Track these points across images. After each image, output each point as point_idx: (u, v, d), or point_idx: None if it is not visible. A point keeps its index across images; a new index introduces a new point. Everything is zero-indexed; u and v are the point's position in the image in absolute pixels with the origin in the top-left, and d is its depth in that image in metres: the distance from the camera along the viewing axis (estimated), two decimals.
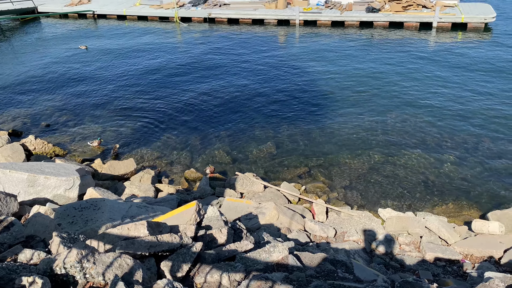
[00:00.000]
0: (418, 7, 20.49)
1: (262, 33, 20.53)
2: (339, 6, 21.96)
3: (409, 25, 19.88)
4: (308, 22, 21.36)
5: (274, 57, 16.99)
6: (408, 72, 14.82)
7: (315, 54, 17.04)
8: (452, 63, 15.40)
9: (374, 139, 10.71)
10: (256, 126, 11.62)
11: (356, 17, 20.54)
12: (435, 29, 19.36)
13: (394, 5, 20.46)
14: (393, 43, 18.00)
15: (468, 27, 19.18)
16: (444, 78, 14.14)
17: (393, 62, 15.80)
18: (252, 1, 24.35)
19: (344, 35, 19.48)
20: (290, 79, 14.76)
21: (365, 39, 18.78)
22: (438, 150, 10.07)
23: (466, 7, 20.59)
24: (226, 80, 14.91)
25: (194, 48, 18.57)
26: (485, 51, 16.41)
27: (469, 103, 12.33)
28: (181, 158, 10.36)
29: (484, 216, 7.61)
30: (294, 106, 12.69)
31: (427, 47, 17.32)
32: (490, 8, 19.97)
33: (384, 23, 20.18)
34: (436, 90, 13.26)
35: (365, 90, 13.56)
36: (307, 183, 9.12)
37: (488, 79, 13.87)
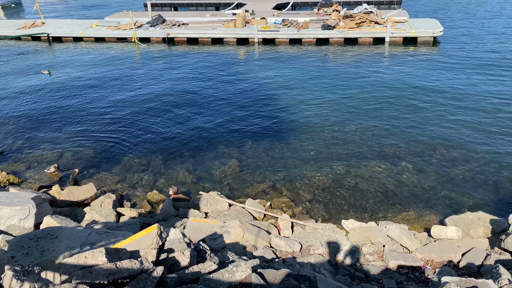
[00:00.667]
0: (370, 23, 21.33)
1: (222, 52, 20.70)
2: (296, 24, 22.52)
3: (363, 41, 20.64)
4: (267, 40, 21.75)
5: (235, 75, 17.14)
6: (364, 85, 15.31)
7: (275, 71, 17.33)
8: (405, 75, 16.05)
9: (336, 152, 10.93)
10: (219, 144, 11.61)
11: (313, 34, 21.11)
12: (387, 43, 20.20)
13: (348, 22, 21.21)
14: (349, 58, 18.60)
15: (418, 41, 20.13)
16: (398, 90, 14.70)
17: (349, 76, 16.30)
18: (211, 21, 24.57)
19: (302, 52, 19.95)
20: (252, 96, 14.90)
21: (322, 55, 19.31)
22: (396, 160, 10.40)
23: (415, 22, 21.63)
24: (187, 99, 14.86)
25: (153, 69, 18.45)
26: (435, 63, 17.24)
27: (422, 113, 12.86)
28: (143, 180, 10.16)
29: (442, 221, 7.89)
30: (257, 122, 12.79)
31: (381, 61, 18.01)
32: (437, 23, 21.09)
33: (340, 40, 20.84)
34: (391, 102, 13.75)
35: (325, 104, 13.87)
36: (272, 199, 9.16)
37: (439, 90, 14.54)
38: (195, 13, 27.48)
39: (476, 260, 6.12)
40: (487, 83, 14.96)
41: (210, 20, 24.83)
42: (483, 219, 7.44)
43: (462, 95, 14.01)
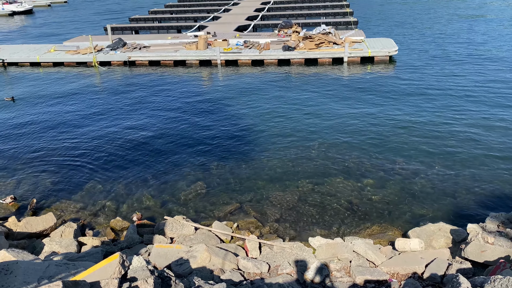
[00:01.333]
0: (329, 44, 22.00)
1: (185, 74, 20.70)
2: (258, 45, 22.90)
3: (323, 61, 21.21)
4: (230, 62, 21.95)
5: (198, 96, 17.13)
6: (325, 103, 15.67)
7: (238, 92, 17.47)
8: (363, 93, 16.57)
9: (301, 169, 11.05)
10: (183, 166, 11.48)
11: (274, 56, 21.51)
12: (346, 63, 20.84)
13: (308, 43, 21.79)
14: (310, 78, 19.03)
15: (375, 60, 20.91)
16: (358, 107, 15.13)
17: (311, 95, 16.65)
18: (173, 43, 24.59)
19: (264, 72, 20.25)
20: (216, 117, 14.91)
21: (284, 75, 19.67)
22: (359, 175, 10.63)
23: (372, 42, 22.48)
24: (150, 122, 14.69)
25: (114, 92, 18.18)
26: (392, 80, 17.92)
27: (382, 128, 13.27)
28: (106, 207, 9.88)
29: (406, 234, 8.07)
30: (222, 143, 12.78)
31: (341, 80, 18.54)
32: (392, 42, 22.02)
33: (300, 60, 21.34)
34: (352, 119, 14.12)
35: (289, 122, 14.06)
36: (239, 220, 9.10)
37: (396, 105, 15.08)
38: (157, 36, 27.42)
39: (439, 271, 6.29)
40: (440, 98, 15.66)
41: (172, 42, 24.85)
42: (444, 229, 7.68)
43: (418, 111, 14.58)
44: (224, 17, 33.40)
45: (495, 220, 7.59)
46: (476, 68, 19.08)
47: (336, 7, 35.23)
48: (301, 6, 36.63)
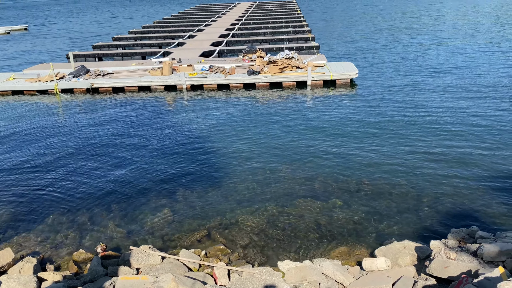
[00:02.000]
0: (293, 68, 22.51)
1: (150, 99, 20.55)
2: (223, 70, 23.12)
3: (287, 85, 21.64)
4: (195, 87, 22.00)
5: (164, 122, 17.01)
6: (290, 126, 15.90)
7: (204, 116, 17.48)
8: (327, 115, 16.95)
9: (268, 192, 11.08)
10: (149, 194, 11.27)
11: (240, 80, 21.77)
12: (309, 86, 21.35)
13: (272, 67, 22.21)
14: (275, 101, 19.33)
15: (337, 83, 21.53)
16: (322, 130, 15.44)
17: (276, 118, 16.87)
18: (137, 69, 24.46)
19: (230, 97, 20.41)
20: (182, 142, 14.81)
21: (249, 99, 19.88)
22: (326, 196, 10.76)
23: (333, 66, 23.18)
24: (114, 149, 14.41)
25: (77, 119, 17.78)
26: (353, 103, 18.46)
27: (346, 149, 13.56)
28: (68, 239, 9.51)
29: (372, 253, 8.18)
30: (188, 169, 12.66)
31: (305, 103, 18.93)
32: (353, 66, 22.79)
33: (265, 84, 21.67)
34: (317, 140, 14.36)
35: (255, 146, 14.15)
36: (207, 247, 8.97)
37: (358, 126, 15.49)
38: (121, 63, 27.20)
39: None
40: (400, 119, 16.23)
41: (136, 68, 24.71)
42: (409, 247, 7.84)
43: (379, 131, 15.03)
44: (189, 43, 33.64)
45: (457, 236, 7.83)
46: (434, 91, 19.97)
47: (299, 33, 36.23)
48: (264, 32, 37.45)
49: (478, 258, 6.70)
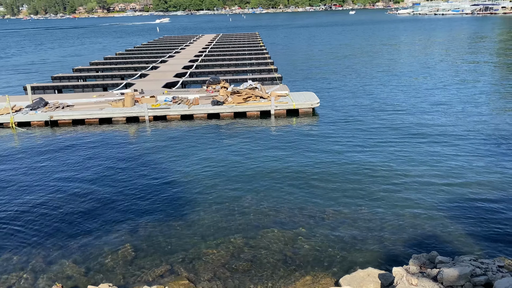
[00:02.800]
0: (256, 98, 22.82)
1: (111, 132, 20.16)
2: (186, 101, 23.11)
3: (251, 114, 21.86)
4: (158, 118, 21.82)
5: (125, 154, 16.66)
6: (254, 155, 15.95)
7: (167, 147, 17.28)
8: (290, 144, 17.16)
9: (233, 223, 10.95)
10: (109, 229, 10.88)
11: (203, 110, 21.80)
12: (273, 116, 21.66)
13: (236, 97, 22.43)
14: (239, 130, 19.42)
15: (300, 112, 21.96)
16: (286, 159, 15.58)
17: (240, 148, 16.91)
18: (98, 101, 24.04)
19: (194, 127, 20.35)
20: (144, 174, 14.52)
21: (213, 129, 19.89)
22: (290, 226, 10.75)
23: (296, 95, 23.68)
24: (73, 184, 13.91)
25: (34, 153, 17.13)
26: (315, 132, 18.83)
27: (309, 177, 13.71)
28: (22, 281, 8.96)
29: (337, 282, 8.18)
30: (150, 201, 12.37)
31: (269, 132, 19.13)
32: (314, 95, 23.37)
33: (229, 114, 21.80)
34: (280, 169, 14.46)
35: (219, 176, 14.05)
36: (170, 282, 8.68)
37: (320, 154, 15.75)
38: (82, 95, 26.69)
39: None
40: (360, 147, 16.66)
41: (98, 100, 24.29)
42: (373, 275, 7.90)
43: (341, 159, 15.34)
44: (152, 74, 33.57)
45: (418, 261, 7.97)
46: (390, 119, 20.70)
47: (262, 64, 36.98)
48: (228, 63, 37.98)
49: (438, 283, 6.83)
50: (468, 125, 18.85)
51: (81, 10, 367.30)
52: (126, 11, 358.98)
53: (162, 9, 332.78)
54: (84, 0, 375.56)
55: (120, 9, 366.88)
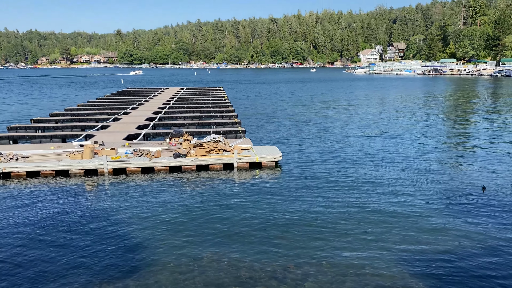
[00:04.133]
0: (219, 151, 22.85)
1: (67, 185, 19.37)
2: (148, 153, 22.78)
3: (214, 167, 21.75)
4: (118, 170, 21.27)
5: (81, 209, 15.94)
6: (216, 209, 15.68)
7: (126, 201, 16.71)
8: (253, 197, 17.05)
9: (193, 283, 10.48)
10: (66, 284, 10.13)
11: (165, 163, 21.50)
12: (236, 169, 21.64)
13: (199, 150, 22.37)
14: (201, 184, 19.18)
15: (263, 165, 22.09)
16: (248, 212, 15.39)
17: (202, 201, 16.61)
18: (56, 153, 23.27)
19: (155, 180, 19.92)
20: (99, 230, 13.84)
21: (175, 182, 19.54)
22: (252, 284, 10.41)
23: (259, 149, 23.91)
24: (22, 241, 13.03)
25: None
26: (277, 184, 18.89)
27: (271, 232, 13.52)
28: None
29: None
30: (105, 260, 11.71)
31: (231, 185, 18.99)
32: (277, 149, 23.69)
33: (192, 167, 21.60)
34: (242, 225, 14.21)
35: (179, 232, 13.61)
36: None
37: (283, 208, 15.69)
38: (38, 146, 25.79)
39: None
40: (322, 201, 16.78)
41: (55, 152, 23.52)
42: None
43: (303, 212, 15.33)
44: (114, 126, 33.14)
45: None
46: (351, 171, 21.16)
47: (225, 117, 37.46)
48: (192, 116, 38.23)
49: None
50: (425, 182, 19.52)
51: (43, 60, 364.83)
52: (90, 63, 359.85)
53: (127, 61, 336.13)
54: (47, 50, 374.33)
55: (84, 60, 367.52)
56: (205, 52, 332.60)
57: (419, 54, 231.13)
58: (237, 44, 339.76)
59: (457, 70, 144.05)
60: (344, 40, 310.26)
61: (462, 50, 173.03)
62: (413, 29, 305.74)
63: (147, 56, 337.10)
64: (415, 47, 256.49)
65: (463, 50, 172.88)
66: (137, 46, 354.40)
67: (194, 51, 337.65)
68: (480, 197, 17.02)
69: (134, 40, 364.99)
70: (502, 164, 22.25)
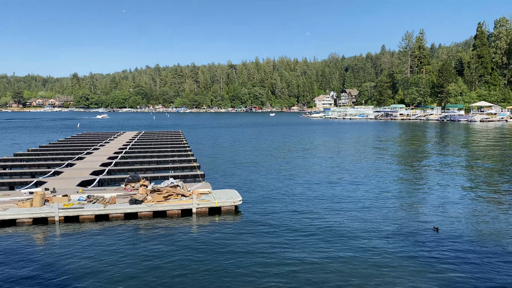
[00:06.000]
0: (178, 196, 22.40)
1: (14, 235, 18.15)
2: (102, 200, 21.97)
3: (171, 213, 21.21)
4: (70, 218, 20.27)
5: (28, 261, 14.90)
6: (174, 256, 15.15)
7: (78, 251, 15.83)
8: (212, 243, 16.66)
9: None
10: None
11: (121, 210, 20.76)
12: (195, 214, 21.21)
13: (156, 195, 21.83)
14: (158, 231, 18.57)
15: (222, 210, 21.81)
16: (207, 259, 14.98)
17: (159, 249, 16.03)
18: (2, 201, 21.94)
19: (109, 228, 19.11)
20: (48, 285, 12.93)
21: (130, 230, 18.82)
22: None
23: (218, 193, 23.67)
24: None
25: None
26: (237, 229, 18.63)
27: (232, 277, 13.17)
28: None
29: None
30: None
31: (189, 232, 18.52)
32: (237, 193, 23.54)
33: (148, 213, 20.96)
34: (201, 271, 13.78)
35: (133, 283, 12.97)
36: None
37: (243, 254, 15.41)
38: None
39: None
40: (282, 242, 16.66)
41: (2, 200, 22.16)
42: None
43: (265, 257, 15.11)
44: (67, 172, 31.87)
45: None
46: (311, 215, 21.28)
47: (184, 162, 37.07)
48: (149, 160, 37.56)
49: None
50: (381, 222, 19.93)
51: None
52: (44, 107, 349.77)
53: (83, 105, 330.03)
54: None
55: (38, 104, 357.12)
56: (164, 96, 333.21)
57: (371, 100, 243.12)
58: (197, 89, 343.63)
59: (406, 115, 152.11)
60: (300, 86, 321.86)
61: (410, 97, 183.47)
62: (364, 76, 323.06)
63: (104, 100, 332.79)
64: (366, 93, 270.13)
65: (411, 97, 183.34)
66: (94, 90, 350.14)
67: (152, 95, 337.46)
68: (433, 236, 17.52)
69: (91, 84, 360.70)
70: (453, 204, 23.19)
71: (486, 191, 26.83)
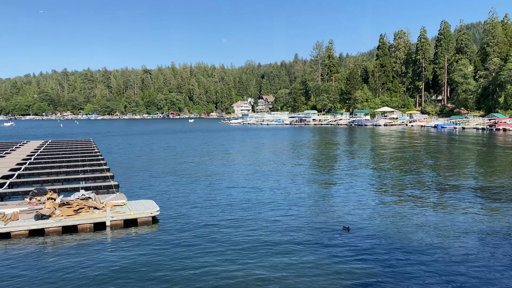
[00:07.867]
0: (89, 209, 21.12)
1: None
2: (3, 216, 19.98)
3: (83, 227, 19.93)
4: None
5: None
6: (85, 276, 14.25)
7: None
8: (128, 258, 15.95)
9: None
10: None
11: (24, 226, 19.03)
12: (109, 227, 20.14)
13: (65, 209, 20.38)
14: (68, 248, 17.33)
15: (139, 221, 20.98)
16: (124, 275, 14.32)
17: (69, 268, 14.95)
18: None
19: (11, 248, 17.40)
20: None
21: (36, 249, 17.32)
22: None
23: (134, 204, 22.75)
24: None
25: None
26: (156, 240, 18.06)
27: None
28: None
29: None
30: None
31: (103, 247, 17.54)
32: (154, 203, 22.82)
33: (57, 229, 19.48)
34: (117, 287, 13.14)
35: None
36: None
37: (163, 267, 14.97)
38: None
39: None
40: (203, 253, 16.50)
41: None
42: None
43: (185, 267, 14.82)
44: None
45: None
46: (234, 224, 21.35)
47: (96, 171, 35.12)
48: (57, 171, 35.00)
49: None
50: (295, 220, 20.63)
51: None
52: None
53: None
54: None
55: None
56: (73, 102, 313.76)
57: (286, 106, 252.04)
58: (109, 95, 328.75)
59: (319, 120, 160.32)
60: (218, 92, 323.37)
61: (322, 103, 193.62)
62: (280, 83, 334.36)
63: (4, 106, 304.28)
64: (282, 99, 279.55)
65: (322, 103, 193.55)
66: None
67: (60, 101, 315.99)
68: (344, 236, 18.55)
69: None
70: (362, 204, 24.78)
71: (393, 190, 29.10)
